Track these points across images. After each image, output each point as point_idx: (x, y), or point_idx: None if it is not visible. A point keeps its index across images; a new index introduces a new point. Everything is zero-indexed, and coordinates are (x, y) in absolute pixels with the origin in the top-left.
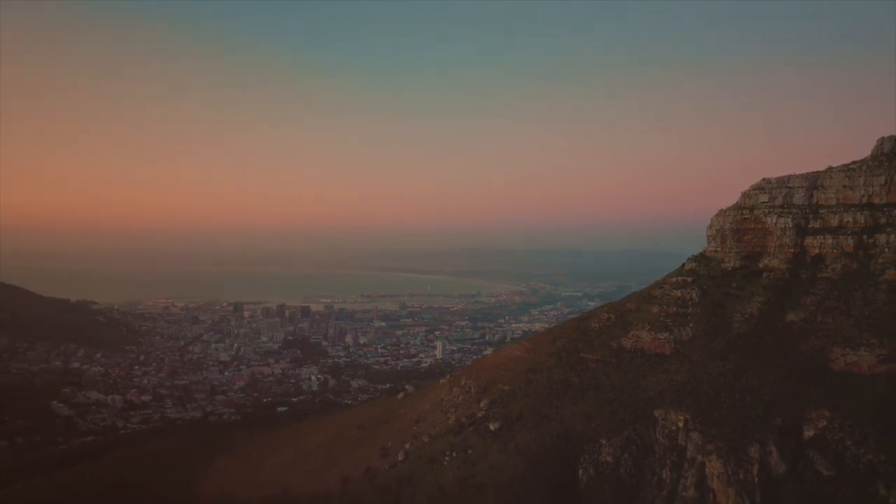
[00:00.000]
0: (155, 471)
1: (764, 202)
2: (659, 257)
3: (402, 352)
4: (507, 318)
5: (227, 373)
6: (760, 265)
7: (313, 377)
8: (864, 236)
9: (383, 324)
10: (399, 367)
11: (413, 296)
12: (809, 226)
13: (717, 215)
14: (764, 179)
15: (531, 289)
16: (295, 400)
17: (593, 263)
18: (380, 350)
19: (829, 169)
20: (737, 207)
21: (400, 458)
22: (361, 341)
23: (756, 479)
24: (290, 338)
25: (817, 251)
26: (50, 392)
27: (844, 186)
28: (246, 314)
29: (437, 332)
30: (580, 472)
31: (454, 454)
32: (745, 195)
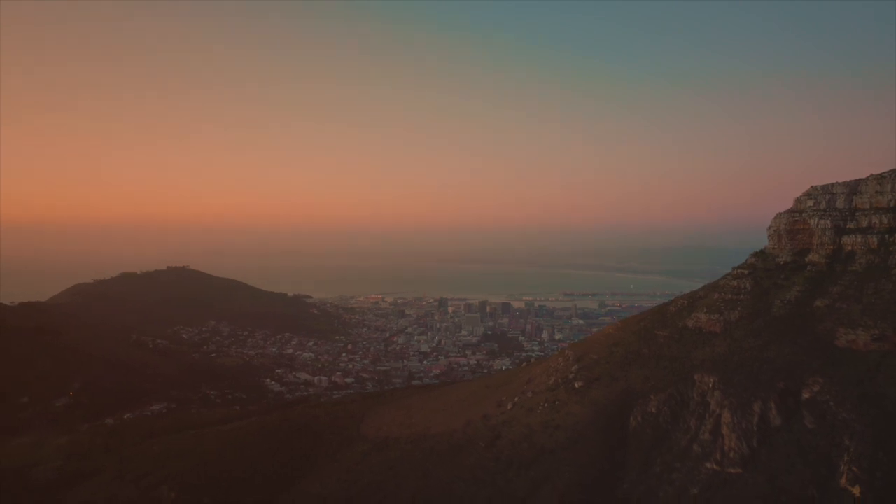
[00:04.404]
0: (332, 416)
1: (810, 206)
2: None
3: None
4: None
5: (425, 362)
6: (806, 260)
7: (504, 368)
8: (886, 235)
9: (581, 321)
10: None
11: (615, 294)
12: (847, 226)
13: (774, 217)
14: (812, 187)
15: None
16: None
17: None
18: None
19: (869, 176)
20: (790, 211)
21: (509, 408)
22: (557, 337)
23: (755, 428)
24: (488, 332)
25: (850, 248)
26: (265, 372)
27: (877, 192)
28: (450, 309)
29: None
30: (631, 418)
31: (546, 405)
32: (797, 200)
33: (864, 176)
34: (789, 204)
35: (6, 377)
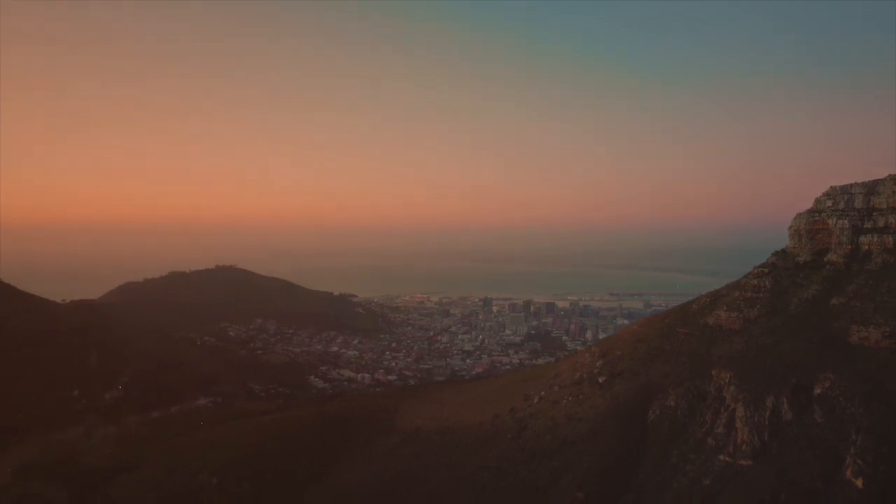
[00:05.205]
0: (367, 410)
1: (829, 206)
2: None
3: None
4: None
5: (468, 360)
6: (825, 259)
7: None
8: None
9: (625, 321)
10: None
11: (661, 295)
12: (864, 226)
13: (795, 217)
14: (831, 187)
15: None
16: None
17: None
18: None
19: (887, 177)
20: (810, 211)
21: (535, 401)
22: (601, 336)
23: (767, 422)
24: (532, 332)
25: (867, 248)
26: (309, 369)
27: (894, 192)
28: (494, 309)
29: None
30: (650, 412)
31: (570, 398)
32: (816, 200)
33: (882, 176)
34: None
35: (58, 371)
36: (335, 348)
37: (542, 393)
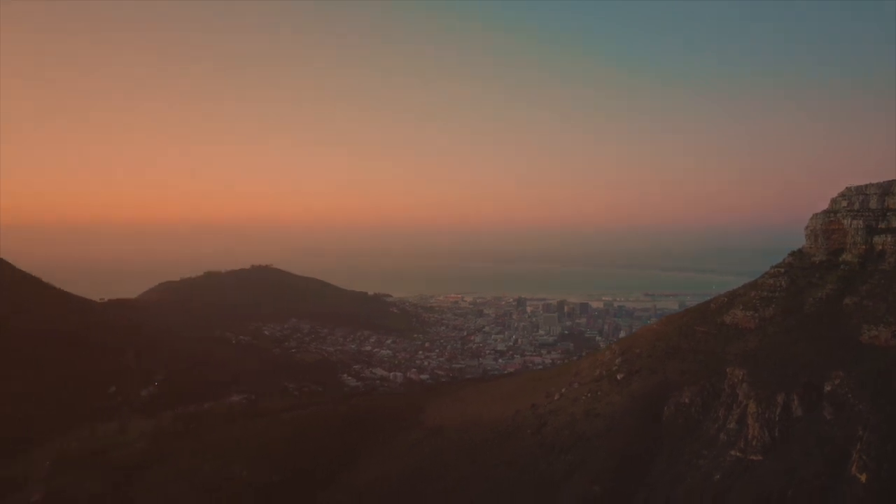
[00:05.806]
0: (394, 407)
1: (844, 207)
2: None
3: None
4: None
5: (500, 360)
6: (840, 259)
7: None
8: None
9: None
10: None
11: (696, 295)
12: (879, 226)
13: (811, 218)
14: (847, 188)
15: None
16: None
17: None
18: None
19: None
20: (826, 212)
21: (556, 398)
22: None
23: (777, 419)
24: (566, 332)
25: (881, 248)
26: (342, 368)
27: None
28: (528, 309)
29: None
30: (665, 408)
31: (589, 395)
32: (832, 201)
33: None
34: None
35: (96, 368)
36: (368, 347)
37: (563, 390)
